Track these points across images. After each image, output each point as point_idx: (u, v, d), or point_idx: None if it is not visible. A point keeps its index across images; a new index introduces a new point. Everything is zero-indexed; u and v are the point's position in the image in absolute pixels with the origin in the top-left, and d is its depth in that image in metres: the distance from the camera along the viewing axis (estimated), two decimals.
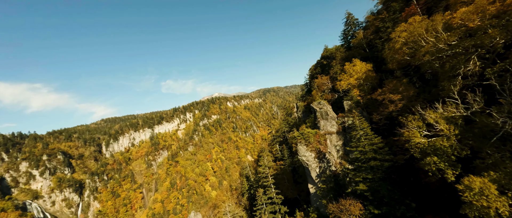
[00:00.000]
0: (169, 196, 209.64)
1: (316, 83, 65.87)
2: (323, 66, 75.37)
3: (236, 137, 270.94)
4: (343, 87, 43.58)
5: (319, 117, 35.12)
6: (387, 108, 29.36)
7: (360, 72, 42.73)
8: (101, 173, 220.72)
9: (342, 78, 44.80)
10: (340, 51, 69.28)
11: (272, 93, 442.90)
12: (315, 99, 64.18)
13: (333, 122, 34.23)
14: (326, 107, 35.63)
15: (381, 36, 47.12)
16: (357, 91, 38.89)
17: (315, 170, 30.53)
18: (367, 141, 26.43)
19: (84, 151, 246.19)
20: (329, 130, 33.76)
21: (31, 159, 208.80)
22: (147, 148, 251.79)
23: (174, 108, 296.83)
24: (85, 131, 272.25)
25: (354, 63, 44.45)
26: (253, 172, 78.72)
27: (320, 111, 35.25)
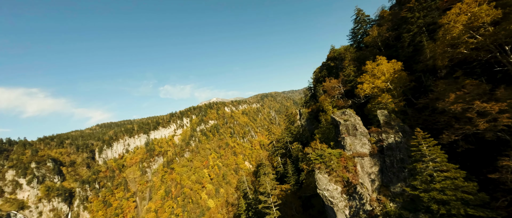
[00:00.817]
0: (164, 205, 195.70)
1: (324, 87, 55.75)
2: (330, 68, 65.53)
3: (234, 143, 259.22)
4: (366, 91, 33.35)
5: (343, 132, 24.95)
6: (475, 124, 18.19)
7: (387, 72, 32.62)
8: (93, 181, 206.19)
9: (363, 80, 34.61)
10: (349, 51, 59.54)
11: (270, 98, 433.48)
12: (323, 105, 53.91)
13: (365, 139, 24.09)
14: (353, 119, 25.44)
15: (409, 29, 37.33)
16: (389, 97, 28.78)
17: (343, 212, 20.49)
18: (447, 183, 15.32)
19: (76, 157, 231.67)
20: (359, 151, 23.63)
21: (18, 167, 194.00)
22: (142, 154, 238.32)
23: (170, 113, 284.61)
24: (78, 137, 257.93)
25: (379, 61, 34.36)
26: (251, 188, 67.45)
27: (345, 124, 25.05)
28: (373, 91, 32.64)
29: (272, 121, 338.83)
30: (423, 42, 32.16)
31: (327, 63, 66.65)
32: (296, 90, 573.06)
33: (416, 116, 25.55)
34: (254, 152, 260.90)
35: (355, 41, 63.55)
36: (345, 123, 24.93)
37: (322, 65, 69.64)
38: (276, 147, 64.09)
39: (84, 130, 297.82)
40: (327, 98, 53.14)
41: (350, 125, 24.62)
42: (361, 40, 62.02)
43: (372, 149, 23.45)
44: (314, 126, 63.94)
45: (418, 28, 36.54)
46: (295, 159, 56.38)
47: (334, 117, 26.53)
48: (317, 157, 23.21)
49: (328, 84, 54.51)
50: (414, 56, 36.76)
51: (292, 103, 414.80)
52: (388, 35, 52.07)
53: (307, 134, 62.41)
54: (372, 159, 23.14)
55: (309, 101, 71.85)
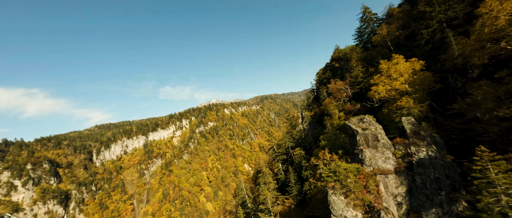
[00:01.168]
0: (161, 208, 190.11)
1: (329, 90, 51.28)
2: (334, 69, 61.12)
3: (233, 145, 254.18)
4: (381, 94, 28.89)
5: (361, 143, 20.50)
6: None
7: (405, 73, 28.18)
8: (90, 183, 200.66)
9: (378, 82, 30.16)
10: (355, 51, 55.17)
11: (269, 100, 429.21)
12: (328, 109, 49.35)
13: (388, 153, 19.63)
14: (374, 127, 20.98)
15: (428, 24, 32.97)
16: (410, 101, 24.27)
17: None
18: None
19: (73, 159, 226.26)
20: (381, 167, 19.21)
21: (13, 168, 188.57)
22: (140, 156, 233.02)
23: (170, 114, 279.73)
24: (76, 138, 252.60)
25: (396, 60, 29.94)
26: (250, 196, 62.60)
27: (363, 134, 20.58)
28: (390, 95, 28.16)
29: (272, 123, 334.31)
30: (448, 37, 27.76)
31: (331, 64, 62.28)
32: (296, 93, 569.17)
33: (445, 124, 21.13)
34: (253, 154, 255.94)
35: (361, 41, 59.21)
36: (364, 132, 20.54)
37: (326, 66, 65.27)
38: (277, 152, 59.37)
39: (82, 131, 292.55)
40: (333, 101, 48.63)
41: (369, 134, 20.23)
42: (368, 40, 57.73)
43: (397, 165, 19.02)
44: (318, 130, 59.39)
45: (439, 23, 32.16)
46: (298, 166, 51.68)
47: (349, 124, 22.06)
48: (330, 174, 18.75)
49: (333, 86, 50.03)
50: (434, 55, 32.39)
51: (292, 105, 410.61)
52: (398, 34, 47.88)
53: (310, 139, 57.74)
54: (398, 177, 18.73)
55: (311, 104, 67.36)
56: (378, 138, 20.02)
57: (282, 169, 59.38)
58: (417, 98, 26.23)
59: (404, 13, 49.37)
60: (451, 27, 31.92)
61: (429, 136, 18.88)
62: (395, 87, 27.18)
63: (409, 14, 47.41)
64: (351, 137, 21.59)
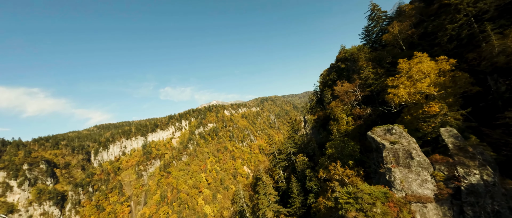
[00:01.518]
0: (159, 210, 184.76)
1: (335, 92, 46.76)
2: (340, 70, 56.66)
3: (233, 146, 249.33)
4: (402, 98, 24.36)
5: (389, 161, 15.91)
6: None
7: (432, 73, 23.67)
8: (87, 184, 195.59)
9: (397, 83, 25.65)
10: (363, 51, 50.76)
11: (269, 102, 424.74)
12: (334, 113, 44.74)
13: (425, 174, 14.99)
14: (406, 141, 16.33)
15: (454, 19, 28.54)
16: (444, 107, 19.70)
17: None
18: None
19: (71, 159, 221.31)
20: (417, 193, 14.55)
21: (9, 168, 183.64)
22: (138, 157, 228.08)
23: (169, 115, 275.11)
24: (74, 138, 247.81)
25: (419, 58, 25.45)
26: (249, 205, 57.81)
27: (392, 149, 15.93)
28: (413, 99, 23.64)
29: (272, 124, 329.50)
30: (486, 32, 23.28)
31: (336, 65, 57.84)
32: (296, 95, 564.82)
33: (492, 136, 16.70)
34: (253, 156, 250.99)
35: (369, 41, 54.85)
36: (393, 146, 16.03)
37: (331, 67, 60.83)
38: (278, 159, 54.61)
39: (81, 131, 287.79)
40: (339, 105, 44.03)
41: (400, 150, 15.70)
42: (376, 40, 53.39)
43: (438, 191, 14.50)
44: (322, 135, 54.77)
45: (466, 17, 27.69)
46: (301, 174, 46.96)
47: (373, 136, 17.57)
48: (350, 201, 14.20)
49: (340, 89, 45.49)
50: (460, 54, 27.89)
51: (292, 107, 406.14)
52: (411, 32, 43.54)
53: (314, 144, 53.05)
54: (440, 206, 14.18)
55: (315, 107, 62.83)
56: (412, 154, 15.56)
57: (284, 177, 54.73)
58: (449, 104, 21.69)
59: (417, 10, 45.04)
60: (480, 21, 27.53)
61: (480, 154, 14.42)
62: (421, 90, 22.65)
63: (423, 12, 43.10)
64: (375, 152, 17.22)
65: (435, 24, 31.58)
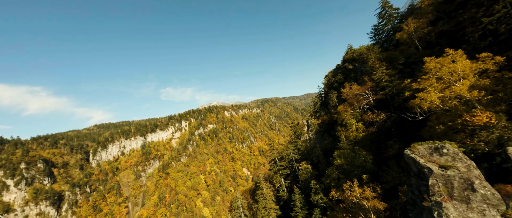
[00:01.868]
0: (156, 212, 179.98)
1: (343, 95, 42.30)
2: (347, 71, 52.22)
3: (232, 148, 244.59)
4: (433, 104, 19.91)
5: (438, 192, 11.13)
6: None
7: (470, 74, 19.21)
8: (84, 184, 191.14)
9: (426, 86, 21.19)
10: (373, 51, 46.38)
11: (270, 103, 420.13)
12: (342, 118, 40.19)
13: (494, 213, 10.58)
14: (464, 166, 11.71)
15: (487, 11, 24.14)
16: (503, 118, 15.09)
17: None
18: None
19: (69, 158, 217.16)
20: None
21: (6, 167, 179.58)
22: (137, 157, 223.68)
23: (169, 116, 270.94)
24: (74, 137, 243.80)
25: (452, 57, 20.99)
26: (247, 215, 53.17)
27: (444, 176, 10.98)
28: (447, 105, 19.19)
29: (272, 126, 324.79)
30: None
31: (343, 66, 53.41)
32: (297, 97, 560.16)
33: None
34: (253, 158, 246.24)
35: (379, 40, 50.47)
36: (444, 172, 11.33)
37: (337, 68, 56.41)
38: (279, 166, 50.05)
39: (81, 130, 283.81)
40: (348, 109, 39.51)
41: (456, 178, 11.06)
42: (387, 39, 49.01)
43: None
44: (327, 141, 50.21)
45: (506, 9, 23.22)
46: (305, 185, 42.40)
47: (413, 156, 12.96)
48: None
49: (349, 91, 41.00)
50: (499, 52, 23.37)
51: (292, 109, 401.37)
52: (427, 30, 39.16)
53: (318, 151, 48.46)
54: None
55: (319, 111, 58.32)
56: (474, 185, 11.01)
57: (285, 185, 50.12)
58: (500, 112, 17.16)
59: (434, 6, 40.62)
60: None
61: None
62: (460, 94, 18.19)
63: (441, 8, 38.73)
64: (415, 177, 12.71)
65: (465, 17, 27.05)
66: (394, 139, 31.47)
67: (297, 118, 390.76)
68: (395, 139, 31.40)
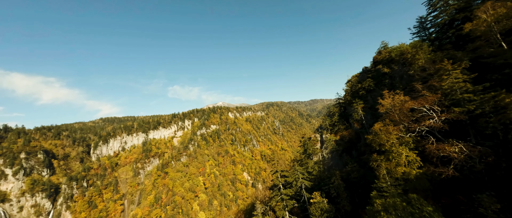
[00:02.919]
0: (151, 213, 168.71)
1: (384, 107, 28.68)
2: (379, 76, 38.63)
3: (234, 151, 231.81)
4: None
5: None
6: None
7: None
8: (82, 178, 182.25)
9: None
10: (422, 49, 32.71)
11: (275, 107, 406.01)
12: (382, 143, 26.44)
13: None
14: None
15: None
16: None
17: None
18: None
19: (70, 151, 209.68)
20: None
21: (6, 156, 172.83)
22: (137, 154, 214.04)
23: (173, 114, 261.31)
24: (77, 129, 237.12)
25: None
26: None
27: None
28: None
29: (276, 130, 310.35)
30: None
31: (374, 69, 39.93)
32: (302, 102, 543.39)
33: None
34: (254, 162, 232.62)
35: (428, 36, 36.63)
36: None
37: (364, 72, 42.96)
38: (284, 195, 36.68)
39: (86, 123, 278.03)
40: (392, 129, 25.72)
41: None
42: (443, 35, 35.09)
43: None
44: (350, 167, 36.70)
45: None
46: None
47: None
48: None
49: (391, 104, 27.37)
50: None
51: (297, 114, 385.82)
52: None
53: (338, 181, 34.84)
54: None
55: (337, 124, 44.80)
56: None
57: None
58: None
59: None
60: None
61: None
62: None
63: None
64: None
65: None
66: (489, 192, 17.75)
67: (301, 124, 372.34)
68: (490, 193, 17.69)
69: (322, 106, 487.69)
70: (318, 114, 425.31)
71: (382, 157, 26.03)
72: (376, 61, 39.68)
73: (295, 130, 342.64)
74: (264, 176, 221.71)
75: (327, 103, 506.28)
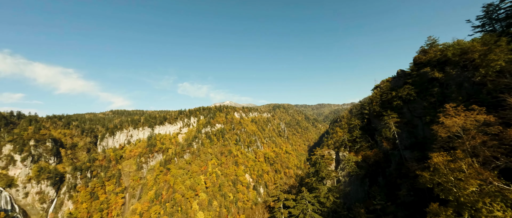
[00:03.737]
0: (150, 209, 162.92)
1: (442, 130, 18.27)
2: (424, 82, 28.00)
3: (237, 151, 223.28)
4: None
5: None
6: None
7: None
8: (86, 168, 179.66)
9: None
10: (499, 47, 21.79)
11: (281, 109, 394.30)
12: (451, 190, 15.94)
13: None
14: None
15: None
16: None
17: None
18: None
19: (78, 140, 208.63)
20: None
21: (16, 142, 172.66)
22: (142, 148, 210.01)
23: (179, 110, 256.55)
24: (87, 120, 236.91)
25: None
26: None
27: None
28: None
29: (281, 133, 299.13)
30: None
31: (416, 73, 29.37)
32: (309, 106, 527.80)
33: None
34: (257, 164, 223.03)
35: (503, 29, 25.65)
36: None
37: (400, 76, 32.42)
38: None
39: (97, 114, 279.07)
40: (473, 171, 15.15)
41: None
42: None
43: None
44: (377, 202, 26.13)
45: None
46: None
47: None
48: None
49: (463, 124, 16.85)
50: None
51: (304, 118, 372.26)
52: None
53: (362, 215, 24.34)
54: None
55: (359, 140, 34.38)
56: None
57: None
58: None
59: None
60: None
61: None
62: None
63: None
64: None
65: None
66: None
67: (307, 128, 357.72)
68: None
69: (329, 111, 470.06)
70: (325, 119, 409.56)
71: (450, 211, 15.67)
72: (419, 63, 29.13)
73: (300, 134, 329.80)
74: (266, 179, 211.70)
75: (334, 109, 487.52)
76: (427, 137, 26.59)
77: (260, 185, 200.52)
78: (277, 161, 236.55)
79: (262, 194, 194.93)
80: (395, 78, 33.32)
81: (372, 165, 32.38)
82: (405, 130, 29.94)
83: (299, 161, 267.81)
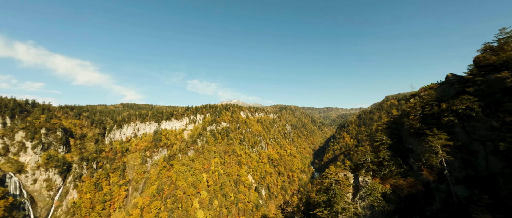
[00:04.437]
0: (151, 203, 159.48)
1: None
2: (494, 92, 19.19)
3: (241, 151, 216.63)
4: None
5: None
6: None
7: None
8: (93, 159, 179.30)
9: None
10: None
11: (288, 111, 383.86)
12: None
13: None
14: None
15: None
16: None
17: None
18: None
19: (88, 131, 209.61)
20: None
21: (29, 130, 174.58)
22: (148, 142, 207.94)
23: (186, 107, 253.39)
24: (97, 112, 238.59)
25: None
26: None
27: None
28: None
29: (286, 135, 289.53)
30: None
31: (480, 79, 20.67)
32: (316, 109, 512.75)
33: None
34: (260, 165, 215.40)
35: None
36: None
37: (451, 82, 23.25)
38: None
39: (108, 106, 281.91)
40: None
41: None
42: None
43: None
44: None
45: None
46: None
47: None
48: None
49: None
50: None
51: (310, 121, 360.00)
52: None
53: None
54: None
55: (388, 164, 25.88)
56: None
57: None
58: None
59: None
60: None
61: None
62: None
63: None
64: None
65: None
66: None
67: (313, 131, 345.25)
68: None
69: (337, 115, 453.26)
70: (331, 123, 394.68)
71: None
72: (485, 65, 20.41)
73: (306, 136, 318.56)
74: (269, 181, 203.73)
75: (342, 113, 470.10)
76: (496, 173, 17.95)
77: (262, 187, 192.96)
78: (281, 163, 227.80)
79: (264, 197, 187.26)
80: (443, 85, 24.45)
81: (405, 199, 23.85)
82: (458, 157, 21.24)
83: (303, 165, 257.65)
